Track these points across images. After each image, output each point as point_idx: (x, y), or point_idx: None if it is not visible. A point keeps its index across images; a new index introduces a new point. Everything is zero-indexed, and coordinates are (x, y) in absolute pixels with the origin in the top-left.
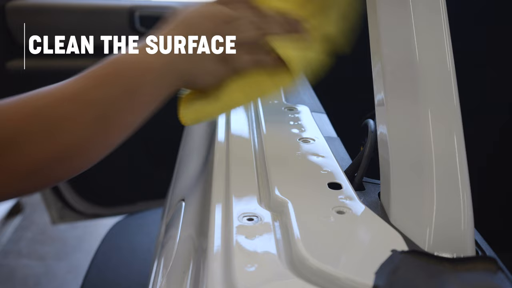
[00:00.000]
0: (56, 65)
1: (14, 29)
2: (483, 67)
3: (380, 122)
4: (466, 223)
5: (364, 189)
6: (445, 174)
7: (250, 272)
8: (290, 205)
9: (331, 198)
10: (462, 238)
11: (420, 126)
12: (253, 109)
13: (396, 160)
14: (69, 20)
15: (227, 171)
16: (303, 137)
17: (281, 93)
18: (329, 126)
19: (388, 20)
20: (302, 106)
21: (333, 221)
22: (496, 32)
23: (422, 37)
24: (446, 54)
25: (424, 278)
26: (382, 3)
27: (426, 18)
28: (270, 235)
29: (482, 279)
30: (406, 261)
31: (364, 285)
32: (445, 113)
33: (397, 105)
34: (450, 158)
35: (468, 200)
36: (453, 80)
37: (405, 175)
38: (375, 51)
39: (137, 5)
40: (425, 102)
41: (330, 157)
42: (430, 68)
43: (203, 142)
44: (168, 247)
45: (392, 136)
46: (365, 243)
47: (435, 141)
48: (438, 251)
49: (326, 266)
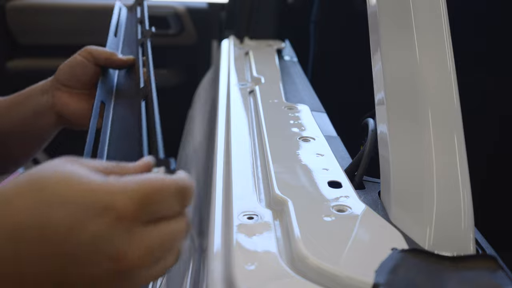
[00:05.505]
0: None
1: (14, 29)
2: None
3: (380, 121)
4: (466, 221)
5: (364, 188)
6: (445, 173)
7: (250, 270)
8: (290, 203)
9: (331, 197)
10: (463, 237)
11: (420, 125)
12: (253, 108)
13: (396, 159)
14: (69, 20)
15: (227, 170)
16: (303, 136)
17: (281, 92)
18: (329, 125)
19: (388, 20)
20: (302, 105)
21: (333, 219)
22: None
23: (422, 37)
24: (446, 54)
25: (425, 276)
26: (383, 4)
27: (426, 18)
28: (270, 234)
29: (483, 277)
30: (407, 260)
31: (364, 283)
32: (445, 113)
33: (398, 104)
34: (451, 158)
35: (468, 199)
36: (453, 80)
37: (405, 174)
38: (375, 51)
39: None
40: (425, 102)
41: (330, 156)
42: (430, 68)
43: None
44: None
45: (392, 135)
46: (365, 242)
47: (435, 141)
48: (439, 250)
49: (327, 264)
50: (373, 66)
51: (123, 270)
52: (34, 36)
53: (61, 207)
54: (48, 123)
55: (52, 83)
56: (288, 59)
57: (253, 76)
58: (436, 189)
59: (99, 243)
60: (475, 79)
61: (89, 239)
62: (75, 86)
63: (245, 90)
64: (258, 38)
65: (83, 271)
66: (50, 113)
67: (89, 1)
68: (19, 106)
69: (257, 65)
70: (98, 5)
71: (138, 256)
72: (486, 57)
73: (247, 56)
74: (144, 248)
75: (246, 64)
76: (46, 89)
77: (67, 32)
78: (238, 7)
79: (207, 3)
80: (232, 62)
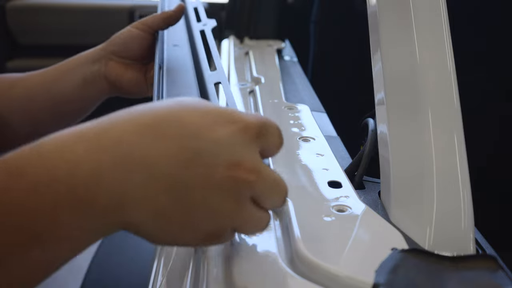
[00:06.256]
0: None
1: (14, 29)
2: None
3: (380, 121)
4: (466, 221)
5: (364, 188)
6: (445, 173)
7: (250, 271)
8: (290, 203)
9: (331, 197)
10: (463, 237)
11: (420, 125)
12: (253, 108)
13: (396, 159)
14: (69, 20)
15: None
16: (303, 136)
17: (281, 92)
18: (329, 125)
19: (388, 20)
20: (302, 105)
21: (333, 219)
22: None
23: (422, 37)
24: (446, 54)
25: (425, 276)
26: (383, 4)
27: (426, 18)
28: (270, 234)
29: (483, 277)
30: (407, 260)
31: (364, 283)
32: (445, 113)
33: (398, 104)
34: (451, 158)
35: (468, 198)
36: (453, 80)
37: (405, 173)
38: (375, 51)
39: (137, 5)
40: (425, 102)
41: (330, 155)
42: (430, 68)
43: None
44: (168, 247)
45: (393, 135)
46: (365, 242)
47: (435, 141)
48: (439, 250)
49: (327, 264)
50: (373, 66)
51: (235, 179)
52: (34, 36)
53: (194, 111)
54: (99, 91)
55: (103, 53)
56: (288, 59)
57: (253, 76)
58: (436, 189)
59: (222, 146)
60: (475, 79)
61: (215, 139)
62: (130, 58)
63: (245, 90)
64: (258, 38)
65: (200, 171)
66: (102, 81)
67: (89, 1)
68: (66, 75)
69: (257, 65)
70: (98, 5)
71: (250, 168)
72: (486, 57)
73: (247, 56)
74: (255, 166)
75: (246, 64)
76: (97, 58)
77: (67, 32)
78: (238, 7)
79: (207, 3)
80: (232, 62)
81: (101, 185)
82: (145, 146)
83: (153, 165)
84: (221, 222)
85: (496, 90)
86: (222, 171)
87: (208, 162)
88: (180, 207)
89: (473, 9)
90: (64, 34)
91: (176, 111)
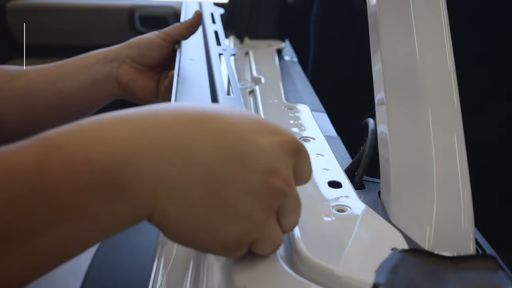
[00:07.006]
0: None
1: (14, 29)
2: (483, 67)
3: (380, 121)
4: (466, 221)
5: (364, 188)
6: (445, 173)
7: (250, 270)
8: None
9: (331, 197)
10: (463, 237)
11: (420, 125)
12: (253, 108)
13: (396, 159)
14: (69, 20)
15: None
16: (303, 136)
17: (281, 92)
18: (329, 125)
19: (388, 20)
20: (302, 105)
21: (333, 219)
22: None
23: (422, 37)
24: (446, 54)
25: (425, 276)
26: (383, 4)
27: (426, 18)
28: None
29: (483, 277)
30: (407, 260)
31: (364, 283)
32: (445, 113)
33: (398, 104)
34: (451, 158)
35: (468, 198)
36: (453, 80)
37: (405, 173)
38: (375, 51)
39: (137, 5)
40: (425, 102)
41: (330, 155)
42: (430, 68)
43: None
44: (168, 247)
45: (393, 135)
46: (365, 242)
47: (435, 141)
48: (439, 250)
49: (327, 264)
50: (373, 66)
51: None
52: (34, 36)
53: (243, 117)
54: (107, 92)
55: (118, 55)
56: (288, 59)
57: (253, 76)
58: (436, 189)
59: (263, 153)
60: (475, 79)
61: (258, 145)
62: (145, 64)
63: (245, 90)
64: (258, 38)
65: (238, 172)
66: (113, 83)
67: (89, 1)
68: (74, 74)
69: (257, 65)
70: (98, 5)
71: (285, 179)
72: (486, 57)
73: (247, 56)
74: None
75: (246, 64)
76: (110, 59)
77: (67, 32)
78: (238, 7)
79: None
80: (232, 62)
81: (136, 167)
82: (190, 137)
83: (193, 154)
84: (246, 229)
85: (496, 90)
86: (259, 176)
87: (247, 165)
88: (210, 201)
89: (473, 9)
90: (64, 34)
91: (228, 113)
